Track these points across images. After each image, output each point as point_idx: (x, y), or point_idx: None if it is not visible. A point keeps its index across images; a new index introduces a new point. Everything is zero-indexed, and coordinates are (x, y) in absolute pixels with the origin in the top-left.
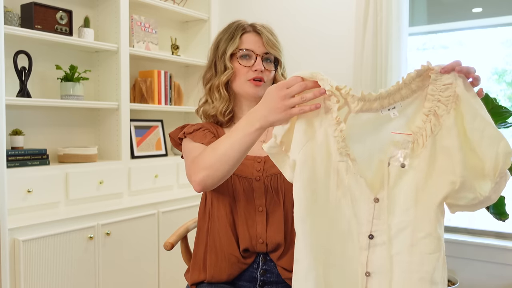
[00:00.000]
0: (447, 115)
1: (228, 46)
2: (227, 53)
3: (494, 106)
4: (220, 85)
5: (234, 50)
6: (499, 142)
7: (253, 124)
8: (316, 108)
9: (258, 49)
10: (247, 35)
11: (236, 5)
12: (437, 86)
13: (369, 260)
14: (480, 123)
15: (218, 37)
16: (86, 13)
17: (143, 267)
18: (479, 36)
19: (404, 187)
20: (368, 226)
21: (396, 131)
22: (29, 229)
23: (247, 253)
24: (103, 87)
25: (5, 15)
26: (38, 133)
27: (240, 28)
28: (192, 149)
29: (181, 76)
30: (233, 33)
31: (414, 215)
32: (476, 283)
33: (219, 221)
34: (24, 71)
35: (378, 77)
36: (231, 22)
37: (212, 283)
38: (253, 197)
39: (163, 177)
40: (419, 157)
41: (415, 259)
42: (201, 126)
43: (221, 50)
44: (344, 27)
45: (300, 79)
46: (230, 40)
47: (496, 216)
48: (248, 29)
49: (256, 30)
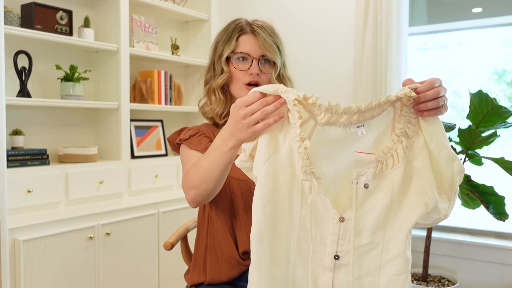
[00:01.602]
0: (417, 136)
1: (225, 49)
2: (223, 56)
3: (494, 106)
4: (216, 88)
5: (230, 53)
6: (453, 161)
7: (227, 143)
8: (280, 118)
9: (255, 51)
10: (244, 37)
11: (236, 5)
12: (409, 108)
13: (335, 281)
14: (436, 145)
15: (217, 38)
16: (86, 13)
17: (143, 267)
18: (479, 36)
19: (374, 208)
20: (333, 247)
21: (363, 150)
22: (29, 229)
23: (246, 255)
24: (103, 87)
25: (5, 15)
26: (38, 133)
27: (238, 29)
28: (187, 159)
29: (181, 76)
30: (230, 35)
31: (383, 236)
32: (476, 283)
33: (218, 224)
34: (24, 71)
35: (378, 77)
36: (230, 21)
37: (212, 284)
38: (251, 199)
39: (163, 177)
40: (389, 178)
41: (382, 281)
42: (197, 130)
43: (219, 52)
44: (344, 27)
45: (259, 94)
46: (227, 42)
47: (496, 216)
48: (246, 30)
49: (254, 31)
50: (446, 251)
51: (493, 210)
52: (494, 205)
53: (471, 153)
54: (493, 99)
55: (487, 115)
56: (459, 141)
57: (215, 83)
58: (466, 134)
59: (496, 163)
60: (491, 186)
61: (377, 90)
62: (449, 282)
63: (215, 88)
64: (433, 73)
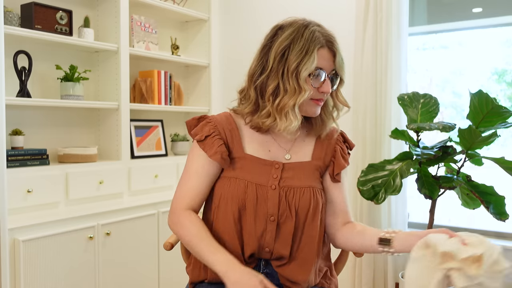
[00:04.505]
0: None
1: (304, 63)
2: (302, 73)
3: (494, 106)
4: (295, 107)
5: (312, 70)
6: None
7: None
8: None
9: (329, 67)
10: (322, 52)
11: (236, 5)
12: None
13: None
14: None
15: (285, 42)
16: (86, 13)
17: (143, 267)
18: (479, 36)
19: None
20: None
21: None
22: (29, 229)
23: (251, 259)
24: (103, 87)
25: (5, 15)
26: (38, 133)
27: (315, 41)
28: (193, 159)
29: (181, 76)
30: (308, 47)
31: None
32: None
33: (224, 224)
34: (24, 71)
35: (378, 77)
36: (299, 24)
37: (213, 283)
38: (266, 206)
39: (163, 177)
40: None
41: None
42: (213, 129)
43: (292, 65)
44: (344, 27)
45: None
46: (305, 55)
47: (496, 216)
48: (322, 43)
49: (331, 46)
50: None
51: (493, 210)
52: (494, 205)
53: (471, 153)
54: (493, 99)
55: (487, 115)
56: (459, 141)
57: (293, 102)
58: (466, 134)
59: (496, 163)
60: (491, 186)
61: (377, 90)
62: None
63: (294, 106)
64: (433, 73)
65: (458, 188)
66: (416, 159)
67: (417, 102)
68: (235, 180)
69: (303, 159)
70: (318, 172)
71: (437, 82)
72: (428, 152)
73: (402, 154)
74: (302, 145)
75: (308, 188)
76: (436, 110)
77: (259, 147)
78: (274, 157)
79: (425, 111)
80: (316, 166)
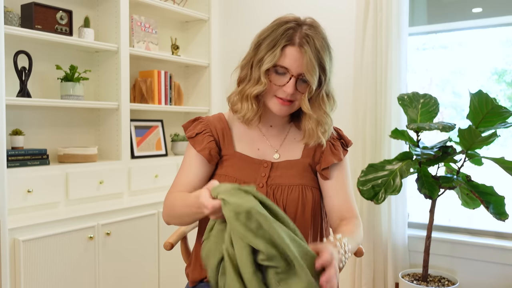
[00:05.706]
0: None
1: (266, 57)
2: (263, 66)
3: (494, 106)
4: (250, 97)
5: (270, 66)
6: None
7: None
8: None
9: (296, 69)
10: (290, 50)
11: (236, 5)
12: None
13: None
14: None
15: (262, 35)
16: (86, 13)
17: (143, 267)
18: (479, 36)
19: None
20: None
21: None
22: (29, 229)
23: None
24: (103, 87)
25: (5, 15)
26: (38, 133)
27: (286, 37)
28: (185, 158)
29: (181, 76)
30: (276, 42)
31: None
32: (476, 283)
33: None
34: (24, 71)
35: (378, 77)
36: (281, 20)
37: None
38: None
39: (163, 177)
40: None
41: None
42: (205, 127)
43: (259, 56)
44: (344, 27)
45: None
46: (270, 49)
47: (496, 216)
48: (294, 41)
49: (301, 45)
50: (446, 251)
51: (493, 210)
52: (494, 205)
53: (471, 153)
54: (493, 99)
55: (487, 115)
56: (459, 141)
57: (249, 91)
58: (466, 134)
59: (496, 163)
60: (491, 186)
61: (377, 90)
62: (449, 282)
63: (249, 96)
64: (433, 73)
65: (458, 188)
66: (416, 159)
67: (417, 102)
68: (225, 177)
69: (292, 157)
70: (310, 169)
71: (437, 82)
72: (428, 152)
73: (402, 154)
74: (293, 143)
75: (297, 186)
76: (436, 110)
77: (248, 146)
78: (263, 155)
79: (425, 111)
80: (306, 164)
